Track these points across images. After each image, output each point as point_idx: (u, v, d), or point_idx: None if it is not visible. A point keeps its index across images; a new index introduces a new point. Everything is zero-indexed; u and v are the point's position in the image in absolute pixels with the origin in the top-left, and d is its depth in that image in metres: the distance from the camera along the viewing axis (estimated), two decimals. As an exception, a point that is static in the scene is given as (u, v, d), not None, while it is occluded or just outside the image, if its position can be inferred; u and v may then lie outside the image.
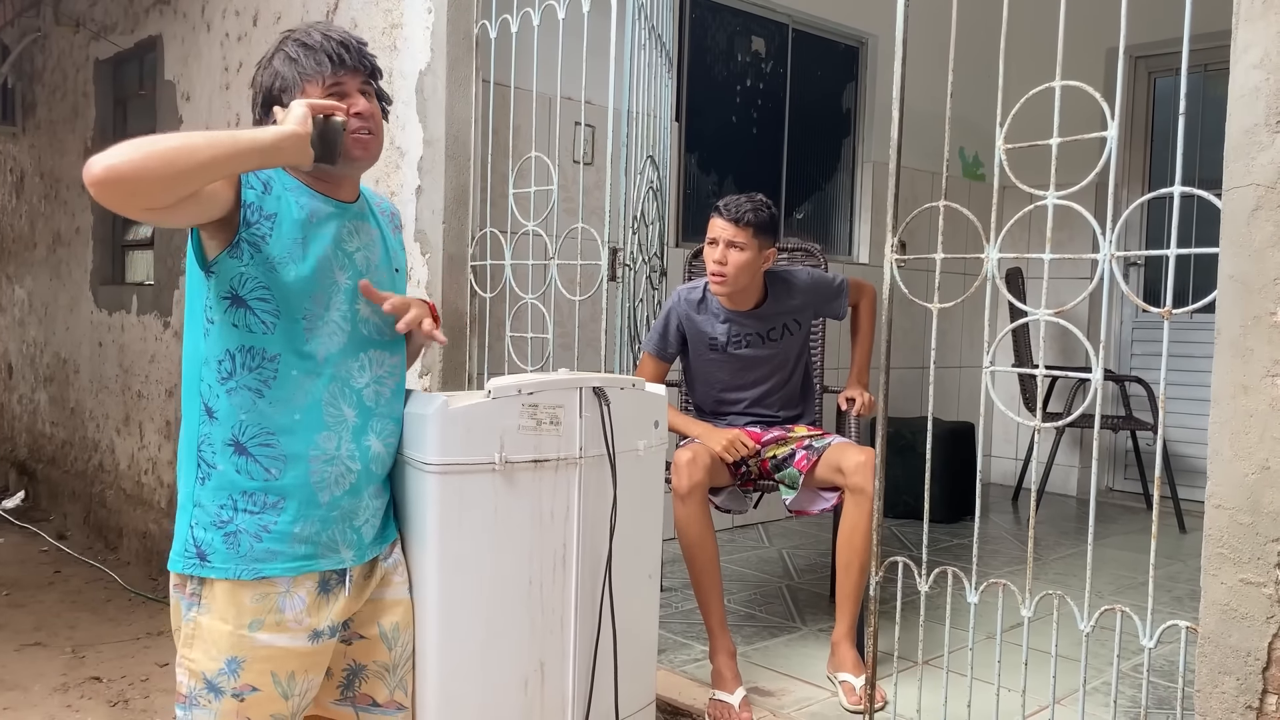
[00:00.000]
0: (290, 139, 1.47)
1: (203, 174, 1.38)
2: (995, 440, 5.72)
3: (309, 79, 1.58)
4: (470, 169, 2.96)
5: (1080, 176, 1.77)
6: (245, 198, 1.51)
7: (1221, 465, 1.57)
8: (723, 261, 2.72)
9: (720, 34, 4.49)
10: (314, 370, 1.57)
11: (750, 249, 2.72)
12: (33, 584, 4.26)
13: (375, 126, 1.63)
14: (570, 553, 1.86)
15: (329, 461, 1.58)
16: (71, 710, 2.99)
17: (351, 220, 1.66)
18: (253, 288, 1.53)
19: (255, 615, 1.53)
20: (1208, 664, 1.58)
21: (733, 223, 2.71)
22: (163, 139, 1.37)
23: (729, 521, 4.38)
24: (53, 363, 5.68)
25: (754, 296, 2.85)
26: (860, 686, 2.45)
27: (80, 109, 5.29)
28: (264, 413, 1.54)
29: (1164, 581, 3.60)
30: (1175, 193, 1.64)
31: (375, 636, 1.69)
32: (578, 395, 1.86)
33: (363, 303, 1.64)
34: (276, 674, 1.56)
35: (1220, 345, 1.57)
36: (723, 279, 2.74)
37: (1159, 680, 2.64)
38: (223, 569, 1.53)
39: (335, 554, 1.60)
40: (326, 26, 1.63)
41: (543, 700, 1.85)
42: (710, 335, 2.87)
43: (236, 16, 3.89)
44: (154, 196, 1.36)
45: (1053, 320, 1.81)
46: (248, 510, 1.54)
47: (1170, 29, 1.58)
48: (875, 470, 2.58)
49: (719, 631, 2.53)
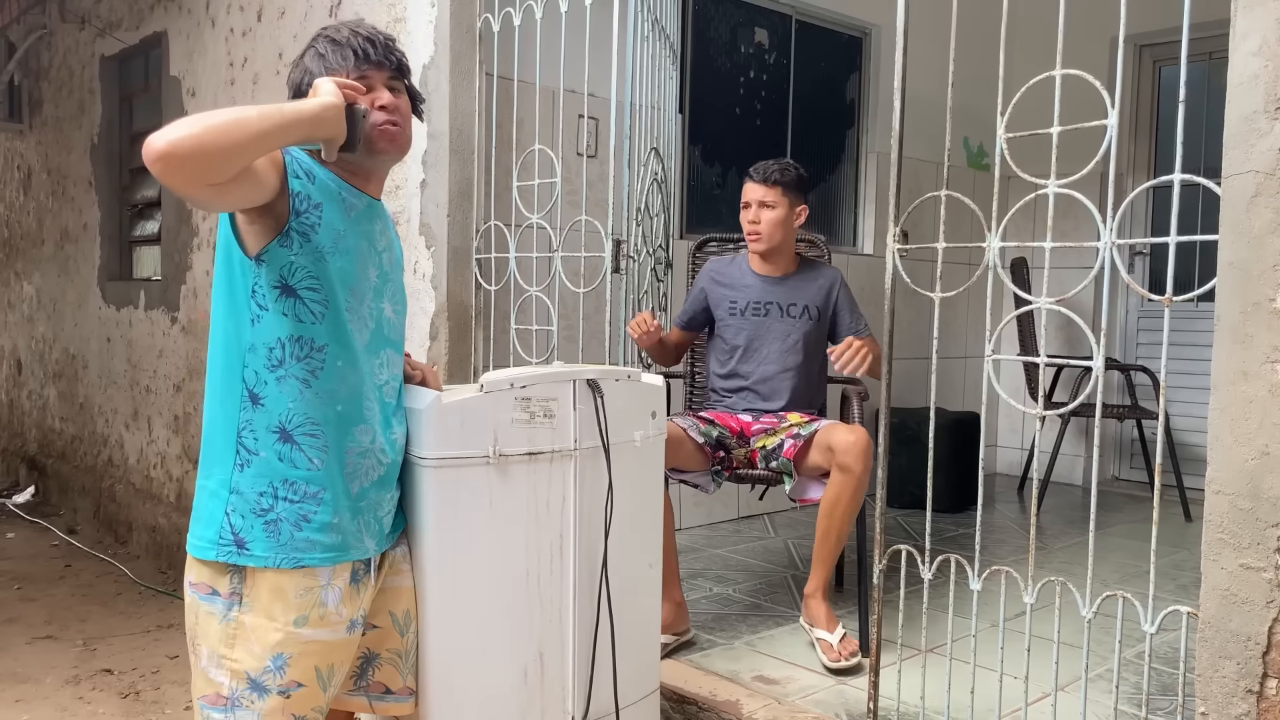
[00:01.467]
0: (331, 109, 1.49)
1: (258, 144, 1.40)
2: (1001, 430, 5.72)
3: (334, 73, 1.59)
4: (474, 162, 2.97)
5: (1085, 165, 1.77)
6: (293, 186, 1.52)
7: (1221, 451, 1.58)
8: (756, 220, 2.95)
9: (723, 25, 4.49)
10: (354, 363, 1.59)
11: (781, 206, 2.93)
12: (44, 578, 4.29)
13: (402, 120, 1.64)
14: (567, 544, 1.88)
15: (363, 454, 1.60)
16: (83, 702, 3.01)
17: (382, 217, 1.70)
18: (302, 277, 1.54)
19: (300, 610, 1.54)
20: (1208, 649, 1.59)
21: (762, 183, 2.94)
22: (216, 113, 1.38)
23: (734, 513, 4.40)
24: (61, 358, 5.71)
25: (785, 263, 3.03)
26: (837, 643, 2.66)
27: (86, 105, 5.30)
28: (310, 402, 1.55)
29: (1168, 569, 3.60)
30: (1176, 180, 1.65)
31: (388, 625, 1.70)
32: (571, 388, 1.87)
33: (385, 300, 1.67)
34: (319, 668, 1.57)
35: (1220, 331, 1.58)
36: (758, 236, 2.95)
37: (1161, 666, 2.65)
38: (263, 557, 1.53)
39: (361, 544, 1.62)
40: (357, 24, 1.65)
41: (543, 690, 1.86)
42: (732, 298, 3.03)
43: (241, 12, 3.90)
44: (215, 170, 1.37)
45: (1055, 309, 1.82)
46: (288, 499, 1.54)
47: (1175, 17, 1.58)
48: (867, 449, 2.64)
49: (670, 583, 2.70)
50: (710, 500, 4.14)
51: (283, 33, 3.62)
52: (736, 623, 3.01)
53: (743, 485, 3.24)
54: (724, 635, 2.89)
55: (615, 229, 2.71)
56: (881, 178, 5.03)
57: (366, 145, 1.59)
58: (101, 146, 5.16)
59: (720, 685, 2.51)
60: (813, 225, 4.84)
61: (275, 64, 3.66)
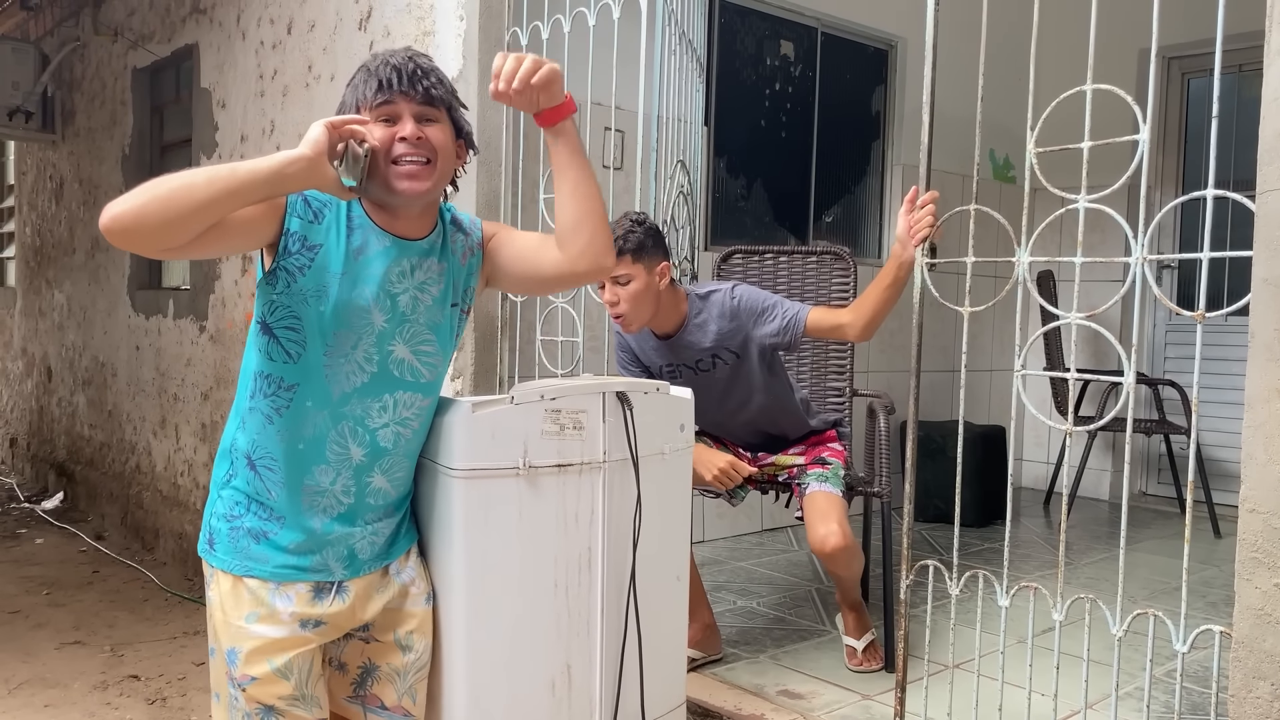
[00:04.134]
0: (296, 163, 1.41)
1: (204, 212, 1.35)
2: (1026, 444, 5.68)
3: (362, 104, 1.54)
4: (501, 174, 2.99)
5: (1111, 177, 1.76)
6: (289, 225, 1.49)
7: (1255, 469, 1.56)
8: (614, 301, 2.53)
9: (749, 38, 4.50)
10: (329, 406, 1.56)
11: (637, 276, 2.51)
12: (72, 583, 4.34)
13: (433, 153, 1.53)
14: (595, 555, 1.88)
15: (319, 493, 1.59)
16: (111, 708, 3.04)
17: (411, 257, 1.59)
18: (281, 316, 1.53)
19: (252, 608, 1.58)
20: (1241, 669, 1.58)
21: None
22: (165, 181, 1.35)
23: (759, 525, 4.39)
24: (91, 366, 5.78)
25: (671, 320, 2.66)
26: (862, 650, 2.72)
27: (118, 116, 5.37)
28: (271, 437, 1.57)
29: (1198, 586, 3.56)
30: (1208, 196, 1.63)
31: (390, 642, 1.70)
32: (600, 400, 1.87)
33: (398, 343, 1.59)
34: (272, 659, 1.59)
35: (1254, 349, 1.56)
36: (621, 318, 2.55)
37: (1193, 685, 2.62)
38: (221, 560, 1.60)
39: (325, 569, 1.62)
40: (393, 53, 1.56)
41: (570, 702, 1.86)
42: (653, 363, 2.76)
43: (271, 25, 3.94)
44: (159, 240, 1.36)
45: (1084, 324, 1.81)
46: (256, 515, 1.60)
47: (1203, 29, 1.57)
48: (847, 557, 2.61)
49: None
50: (734, 512, 4.13)
51: (312, 45, 3.65)
52: (761, 636, 3.00)
53: (765, 497, 3.23)
54: (748, 649, 2.89)
55: (641, 241, 2.71)
56: (907, 190, 5.00)
57: (383, 185, 1.52)
58: (133, 157, 5.22)
59: (745, 699, 2.50)
60: (837, 238, 4.84)
61: (304, 76, 3.70)
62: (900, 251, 2.29)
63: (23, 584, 4.31)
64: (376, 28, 3.31)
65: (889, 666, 2.69)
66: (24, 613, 3.91)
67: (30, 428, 6.75)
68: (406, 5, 3.17)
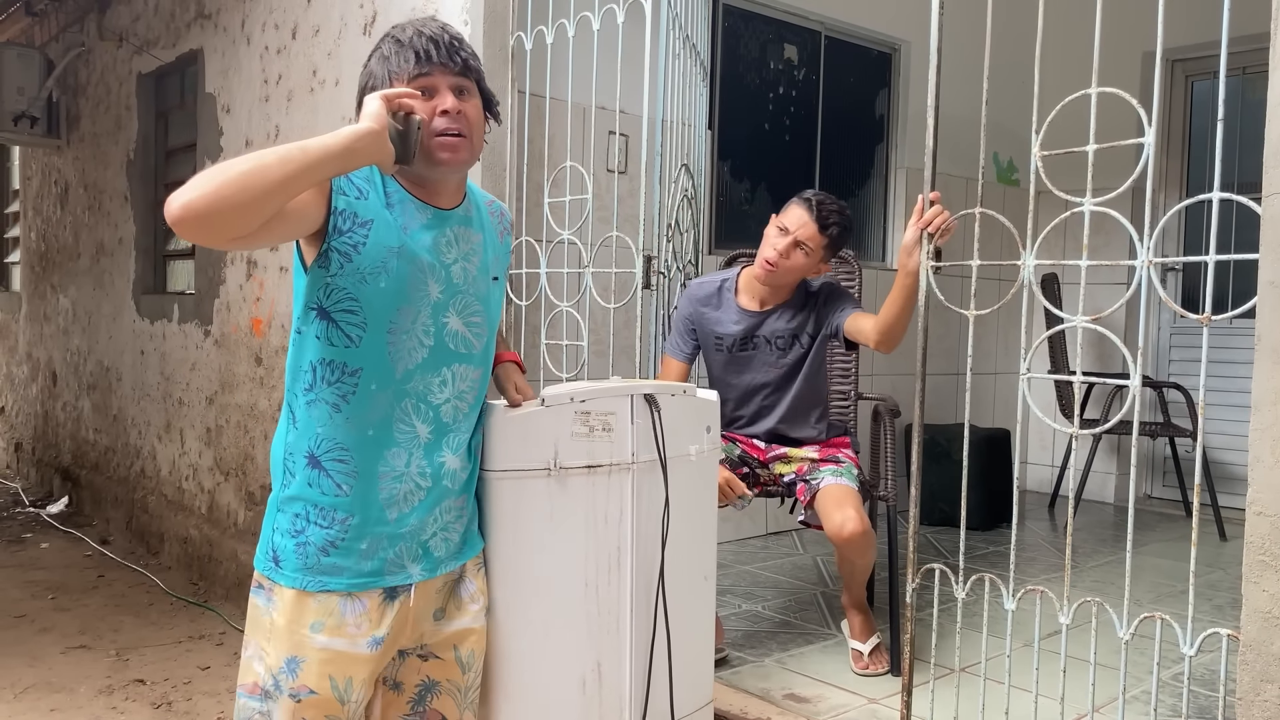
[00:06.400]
0: (365, 138, 1.40)
1: (280, 193, 1.33)
2: (1031, 447, 5.67)
3: (396, 76, 1.52)
4: (506, 179, 2.99)
5: (1116, 180, 1.77)
6: (336, 204, 1.46)
7: (1263, 472, 1.56)
8: (786, 255, 2.66)
9: (753, 42, 4.50)
10: (392, 386, 1.53)
11: (814, 257, 2.68)
12: (77, 588, 4.34)
13: (468, 128, 1.54)
14: (624, 555, 1.89)
15: (398, 479, 1.55)
16: (116, 712, 3.04)
17: (454, 227, 1.60)
18: (339, 299, 1.49)
19: (318, 617, 1.53)
20: (1250, 672, 1.57)
21: (817, 226, 2.66)
22: (234, 164, 1.31)
23: (763, 529, 4.39)
24: (96, 371, 5.79)
25: (782, 296, 2.82)
26: (868, 654, 2.73)
27: (123, 122, 5.38)
28: (339, 427, 1.52)
29: (1204, 589, 3.56)
30: (1214, 199, 1.63)
31: (451, 659, 1.68)
32: (629, 402, 1.89)
33: (451, 314, 1.59)
34: (334, 676, 1.54)
35: (1260, 352, 1.56)
36: (774, 270, 2.68)
37: (1200, 689, 2.61)
38: (291, 578, 1.54)
39: (402, 570, 1.58)
40: (423, 22, 1.55)
41: (600, 700, 1.88)
42: (718, 333, 2.84)
43: (276, 30, 3.95)
44: (235, 225, 1.31)
45: (1089, 327, 1.81)
46: (318, 524, 1.53)
47: (1207, 31, 1.57)
48: (863, 545, 2.60)
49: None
50: (739, 516, 4.13)
51: (316, 50, 3.66)
52: (766, 640, 3.00)
53: (771, 500, 3.23)
54: (754, 652, 2.88)
55: (646, 245, 2.71)
56: (912, 193, 5.01)
57: (425, 158, 1.52)
58: (137, 162, 5.23)
59: (751, 703, 2.50)
60: (841, 241, 4.84)
61: (309, 81, 3.71)
62: (905, 260, 2.30)
63: (28, 588, 4.31)
64: (381, 33, 3.31)
65: (895, 670, 2.69)
66: (29, 617, 3.91)
67: (35, 432, 6.76)
68: (411, 10, 3.18)
